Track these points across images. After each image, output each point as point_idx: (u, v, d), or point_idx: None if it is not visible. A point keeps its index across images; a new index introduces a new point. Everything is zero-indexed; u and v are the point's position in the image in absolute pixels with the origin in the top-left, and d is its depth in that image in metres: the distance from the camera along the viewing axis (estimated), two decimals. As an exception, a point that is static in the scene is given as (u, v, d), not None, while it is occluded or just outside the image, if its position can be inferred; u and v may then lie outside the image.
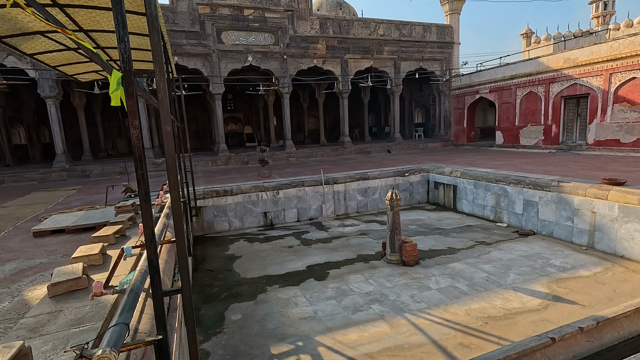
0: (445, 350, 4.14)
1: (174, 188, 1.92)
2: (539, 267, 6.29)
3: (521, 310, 4.91)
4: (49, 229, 6.09)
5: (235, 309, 5.33)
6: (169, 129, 1.86)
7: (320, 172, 11.05)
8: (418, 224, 9.45)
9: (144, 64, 6.22)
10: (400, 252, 6.70)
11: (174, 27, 15.63)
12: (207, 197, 9.18)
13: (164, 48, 5.36)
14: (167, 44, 5.16)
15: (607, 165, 10.39)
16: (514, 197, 8.60)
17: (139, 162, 1.79)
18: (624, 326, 2.94)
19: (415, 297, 5.40)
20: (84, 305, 3.07)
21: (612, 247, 6.68)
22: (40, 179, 14.31)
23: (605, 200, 6.68)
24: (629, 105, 12.88)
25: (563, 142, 15.57)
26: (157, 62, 1.79)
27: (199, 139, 26.15)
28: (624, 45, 12.71)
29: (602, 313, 2.98)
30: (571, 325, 2.88)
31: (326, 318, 4.92)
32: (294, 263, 7.04)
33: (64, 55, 4.92)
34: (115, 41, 4.42)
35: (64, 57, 4.96)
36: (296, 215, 10.15)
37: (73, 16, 3.61)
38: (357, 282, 6.02)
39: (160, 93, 1.81)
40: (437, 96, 22.12)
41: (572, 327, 2.82)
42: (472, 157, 14.93)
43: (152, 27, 1.78)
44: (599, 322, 2.80)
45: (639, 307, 2.99)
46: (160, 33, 1.77)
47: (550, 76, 15.52)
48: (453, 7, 20.69)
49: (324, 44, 18.21)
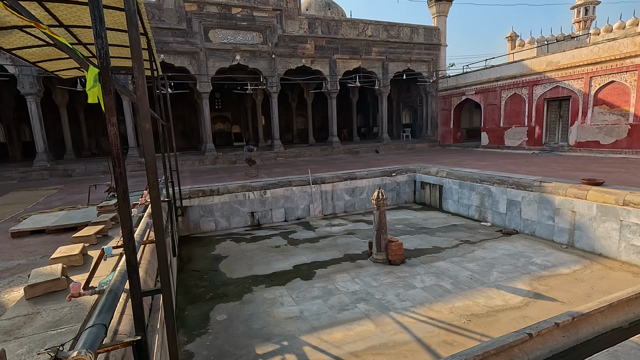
0: (429, 347, 4.20)
1: (153, 187, 1.90)
2: (521, 265, 6.43)
3: (503, 307, 5.01)
4: (28, 230, 5.93)
5: (220, 309, 5.29)
6: (147, 126, 1.84)
7: (308, 171, 11.05)
8: (404, 223, 9.54)
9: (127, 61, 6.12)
10: (386, 251, 6.75)
11: (160, 24, 15.40)
12: (193, 196, 9.07)
13: (148, 45, 5.27)
14: (151, 41, 5.08)
15: (588, 166, 10.69)
16: (497, 196, 8.77)
17: (116, 160, 1.76)
18: (598, 321, 3.04)
19: (400, 296, 5.45)
20: (63, 307, 3.00)
21: (590, 245, 6.87)
22: (21, 178, 13.90)
23: (585, 200, 6.87)
24: (608, 108, 13.28)
25: (546, 143, 15.95)
26: (135, 59, 1.76)
27: (187, 138, 25.82)
28: (603, 49, 13.10)
29: (578, 309, 3.07)
30: (548, 321, 2.96)
31: (312, 317, 4.93)
32: (281, 263, 7.02)
33: (44, 51, 4.78)
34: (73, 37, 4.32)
35: (44, 52, 4.82)
36: (283, 215, 10.13)
37: (53, 11, 3.53)
38: (344, 282, 6.05)
39: (139, 90, 1.79)
40: (425, 97, 22.38)
41: (548, 323, 2.90)
42: (458, 157, 15.16)
43: (131, 22, 1.75)
44: (575, 317, 2.88)
45: (612, 303, 3.09)
46: (139, 29, 1.75)
47: (533, 79, 15.88)
48: (440, 9, 20.97)
49: (312, 44, 18.22)
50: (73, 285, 2.38)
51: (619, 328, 3.13)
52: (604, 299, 3.22)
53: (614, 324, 3.13)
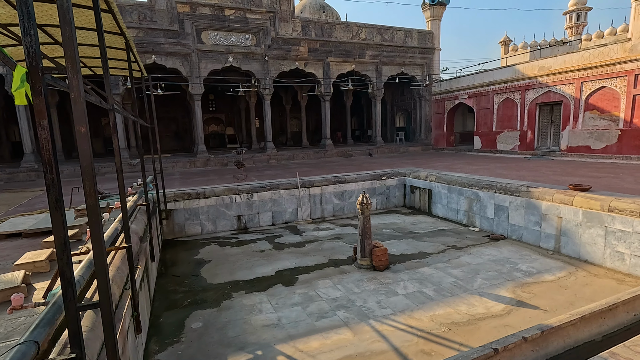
0: (406, 357, 4.09)
1: (90, 195, 1.79)
2: (506, 271, 6.35)
3: (485, 315, 4.92)
4: (4, 233, 5.78)
5: (197, 316, 5.16)
6: (83, 130, 1.74)
7: (297, 174, 10.94)
8: (393, 227, 9.45)
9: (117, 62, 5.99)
10: (370, 256, 6.65)
11: (152, 25, 15.30)
12: (179, 199, 8.94)
13: (127, 45, 5.16)
14: (130, 42, 4.98)
15: (577, 170, 10.66)
16: (485, 201, 8.70)
17: (48, 165, 1.66)
18: (570, 334, 2.95)
19: (381, 303, 5.34)
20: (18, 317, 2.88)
21: (576, 251, 6.81)
22: (7, 179, 13.70)
23: (571, 206, 6.81)
24: (599, 113, 13.30)
25: (538, 147, 15.95)
26: (69, 58, 1.66)
27: (179, 140, 25.66)
28: (594, 55, 13.13)
29: (549, 322, 2.97)
30: (515, 335, 2.86)
31: (289, 325, 4.81)
32: (264, 268, 6.90)
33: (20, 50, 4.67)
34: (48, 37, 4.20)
35: (21, 52, 4.71)
36: (271, 219, 10.01)
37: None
38: (325, 288, 5.94)
39: (73, 92, 1.68)
40: (418, 101, 22.38)
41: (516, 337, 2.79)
42: (450, 161, 15.12)
43: (64, 19, 1.65)
44: (544, 331, 2.79)
45: (584, 315, 3.01)
46: (73, 26, 1.64)
47: (526, 83, 15.90)
48: (434, 13, 21.00)
49: (305, 47, 18.16)
50: (14, 297, 2.26)
51: (592, 341, 3.04)
52: (576, 310, 3.13)
53: (586, 337, 3.04)
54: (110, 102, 3.37)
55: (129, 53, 5.37)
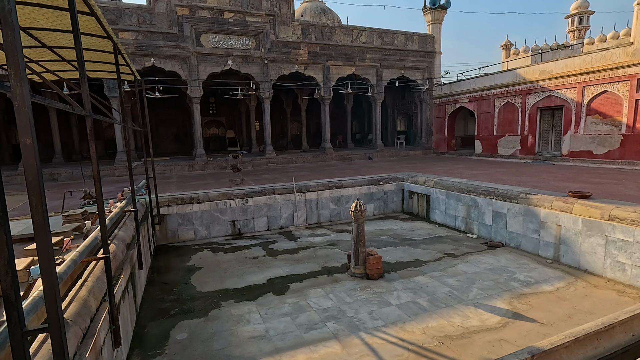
0: (395, 373, 3.94)
1: (36, 211, 1.66)
2: (502, 281, 6.17)
3: (479, 328, 4.75)
4: (-10, 239, 5.67)
5: (183, 326, 5.02)
6: (28, 142, 1.61)
7: (292, 179, 10.81)
8: (389, 234, 9.29)
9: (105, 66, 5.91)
10: (364, 265, 6.49)
11: (151, 28, 15.28)
12: (172, 204, 8.83)
13: (115, 48, 5.07)
14: (118, 44, 4.89)
15: (579, 176, 10.46)
16: (483, 208, 8.53)
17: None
18: (562, 358, 2.78)
19: (373, 314, 5.19)
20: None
21: (576, 260, 6.62)
22: (5, 182, 13.65)
23: (570, 214, 6.63)
24: (601, 117, 13.10)
25: (539, 152, 15.75)
26: (11, 65, 1.54)
27: (180, 143, 25.66)
28: (596, 59, 12.95)
29: (540, 344, 2.81)
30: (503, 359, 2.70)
31: (277, 337, 4.66)
32: (255, 276, 6.76)
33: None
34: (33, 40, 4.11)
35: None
36: (266, 224, 9.87)
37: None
38: (317, 297, 5.79)
39: (16, 101, 1.56)
40: (419, 104, 22.23)
41: (505, 361, 2.64)
42: (450, 165, 14.94)
43: (6, 23, 1.53)
44: (534, 355, 2.62)
45: (578, 337, 2.84)
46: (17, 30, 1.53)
47: (527, 87, 15.72)
48: (435, 16, 20.89)
49: (305, 50, 18.09)
50: (-33, 315, 2.13)
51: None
52: (569, 332, 2.96)
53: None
54: (87, 107, 3.26)
55: (116, 56, 5.28)
